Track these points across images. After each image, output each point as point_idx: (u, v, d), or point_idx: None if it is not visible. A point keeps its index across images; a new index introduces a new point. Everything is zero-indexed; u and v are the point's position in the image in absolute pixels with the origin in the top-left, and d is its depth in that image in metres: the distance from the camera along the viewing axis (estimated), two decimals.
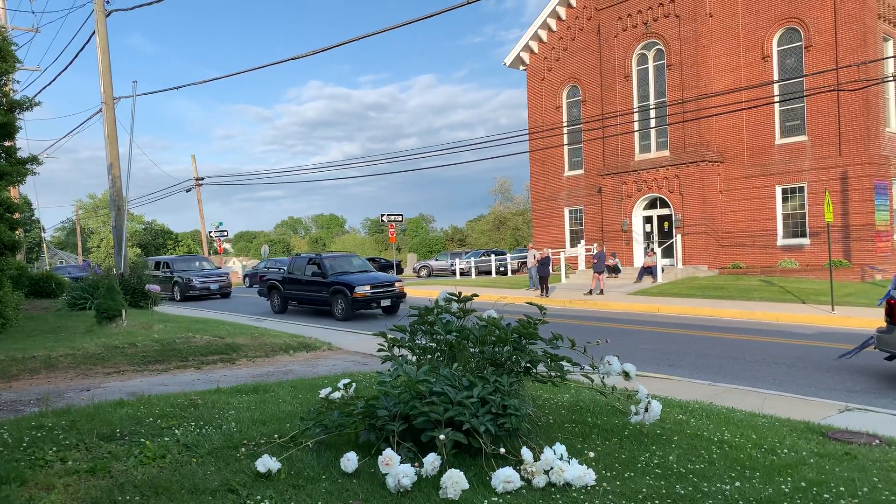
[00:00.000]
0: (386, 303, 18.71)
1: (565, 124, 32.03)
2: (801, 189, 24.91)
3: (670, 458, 4.85)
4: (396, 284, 19.15)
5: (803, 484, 4.30)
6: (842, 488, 4.22)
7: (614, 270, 26.95)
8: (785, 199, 25.46)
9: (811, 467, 4.71)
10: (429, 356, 5.78)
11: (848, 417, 6.94)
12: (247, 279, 38.29)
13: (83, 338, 12.08)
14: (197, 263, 29.38)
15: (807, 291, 19.80)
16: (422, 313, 5.84)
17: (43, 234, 60.17)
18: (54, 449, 5.09)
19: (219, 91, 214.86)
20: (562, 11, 31.78)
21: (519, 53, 33.54)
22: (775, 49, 25.32)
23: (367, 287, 18.16)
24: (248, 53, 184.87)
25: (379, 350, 5.91)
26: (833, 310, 16.32)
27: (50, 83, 50.82)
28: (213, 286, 27.57)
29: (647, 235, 28.47)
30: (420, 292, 25.74)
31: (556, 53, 32.37)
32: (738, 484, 4.29)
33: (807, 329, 14.79)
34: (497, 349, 5.54)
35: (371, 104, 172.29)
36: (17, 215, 14.53)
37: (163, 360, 10.40)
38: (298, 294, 20.01)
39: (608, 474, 4.48)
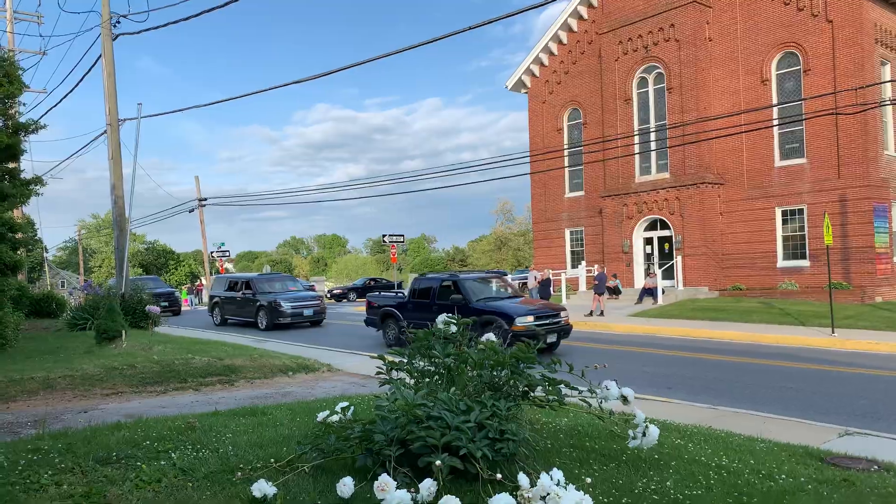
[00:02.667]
0: (551, 338, 14.43)
1: (566, 146, 32.22)
2: (801, 211, 24.97)
3: (667, 483, 4.83)
4: (562, 314, 15.07)
5: None
6: None
7: (615, 292, 26.94)
8: (785, 222, 25.51)
9: (809, 494, 4.69)
10: (427, 379, 5.77)
11: (847, 442, 6.90)
12: None
13: (82, 359, 12.07)
14: (280, 284, 24.01)
15: (807, 314, 19.76)
16: (419, 336, 5.86)
17: (45, 254, 60.28)
18: (50, 472, 5.07)
19: (226, 113, 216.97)
20: (563, 35, 32.11)
21: (521, 77, 33.84)
22: (774, 73, 25.53)
23: (530, 318, 14.15)
24: (256, 77, 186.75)
25: (377, 373, 5.91)
26: (833, 332, 16.28)
27: (55, 105, 51.40)
28: (306, 311, 22.36)
29: (648, 257, 28.50)
30: None
31: (557, 77, 32.65)
32: None
33: (807, 352, 14.75)
34: (495, 373, 5.54)
35: (377, 126, 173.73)
36: (19, 235, 14.60)
37: (161, 381, 10.39)
38: (426, 324, 17.08)
39: (606, 500, 4.47)
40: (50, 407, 8.68)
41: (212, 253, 44.19)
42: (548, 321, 14.51)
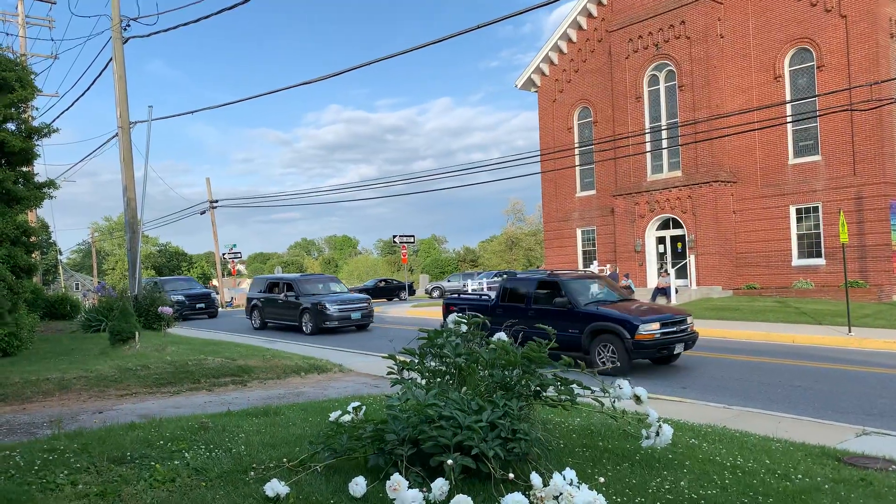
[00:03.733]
0: (678, 349, 12.42)
1: (577, 145, 32.12)
2: (816, 209, 24.74)
3: (682, 483, 4.79)
4: (689, 320, 12.95)
5: None
6: None
7: (627, 291, 26.81)
8: (799, 220, 25.28)
9: (826, 494, 4.64)
10: (438, 379, 5.76)
11: (865, 442, 6.82)
12: None
13: (97, 360, 12.16)
14: (322, 286, 22.54)
15: (823, 312, 19.58)
16: (431, 336, 5.84)
17: (59, 257, 60.86)
18: (65, 472, 5.11)
19: (238, 115, 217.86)
20: (573, 34, 32.02)
21: (530, 76, 33.77)
22: (787, 69, 25.32)
23: (656, 326, 12.05)
24: (268, 79, 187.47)
25: (388, 373, 5.91)
26: (850, 331, 16.12)
27: (68, 108, 51.81)
28: (353, 315, 20.97)
29: (661, 256, 28.35)
30: (433, 314, 25.73)
31: (567, 75, 32.56)
32: None
33: (823, 351, 14.60)
34: (507, 372, 5.51)
35: (389, 127, 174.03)
36: (33, 239, 14.73)
37: (175, 382, 10.44)
38: (517, 329, 14.75)
39: (619, 500, 4.43)
40: (65, 407, 8.74)
41: (223, 254, 44.43)
42: (675, 329, 12.39)
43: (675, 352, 12.46)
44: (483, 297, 15.48)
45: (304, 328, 20.87)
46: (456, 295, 17.14)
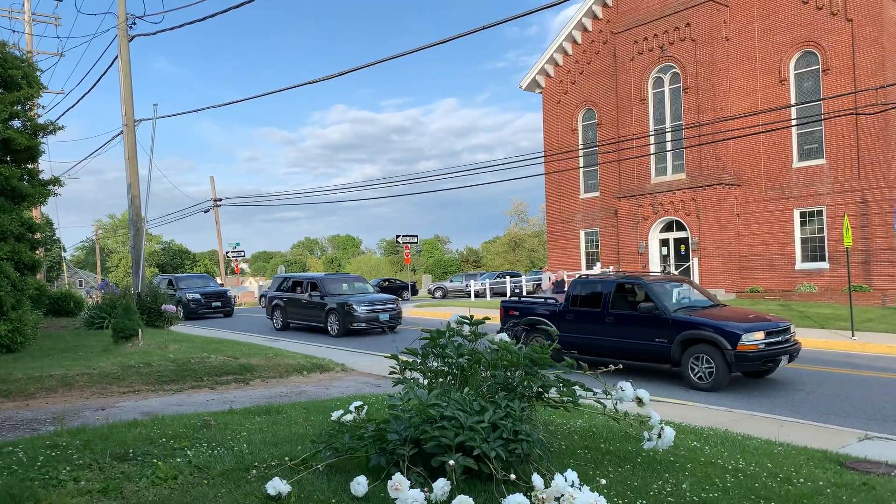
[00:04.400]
0: (783, 360, 11.07)
1: (581, 147, 32.11)
2: (820, 212, 24.70)
3: (683, 486, 4.78)
4: (792, 328, 11.62)
5: None
6: None
7: None
8: (803, 223, 25.24)
9: (828, 498, 4.63)
10: (440, 379, 5.76)
11: (867, 446, 6.81)
12: (262, 299, 38.49)
13: (100, 357, 12.18)
14: (347, 285, 21.58)
15: (826, 316, 19.53)
16: (433, 336, 5.84)
17: (63, 254, 61.02)
18: (68, 468, 5.12)
19: (244, 114, 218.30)
20: (577, 35, 32.01)
21: (535, 77, 33.76)
22: (792, 72, 25.28)
23: (760, 335, 10.63)
24: (274, 78, 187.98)
25: (391, 373, 5.91)
26: (853, 335, 16.07)
27: (73, 106, 52.00)
28: (382, 316, 20.05)
29: (664, 258, 28.32)
30: (435, 314, 25.74)
31: (571, 77, 32.55)
32: None
33: (826, 355, 14.57)
34: (509, 373, 5.51)
35: (394, 127, 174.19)
36: (38, 235, 14.78)
37: (178, 380, 10.46)
38: (594, 340, 12.42)
39: (620, 502, 4.43)
40: (68, 404, 8.77)
41: (227, 253, 44.49)
42: (779, 338, 10.99)
43: (780, 364, 11.09)
44: (549, 300, 13.98)
45: (330, 329, 19.93)
46: (515, 298, 15.50)
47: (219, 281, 37.38)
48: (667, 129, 27.90)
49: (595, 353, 12.16)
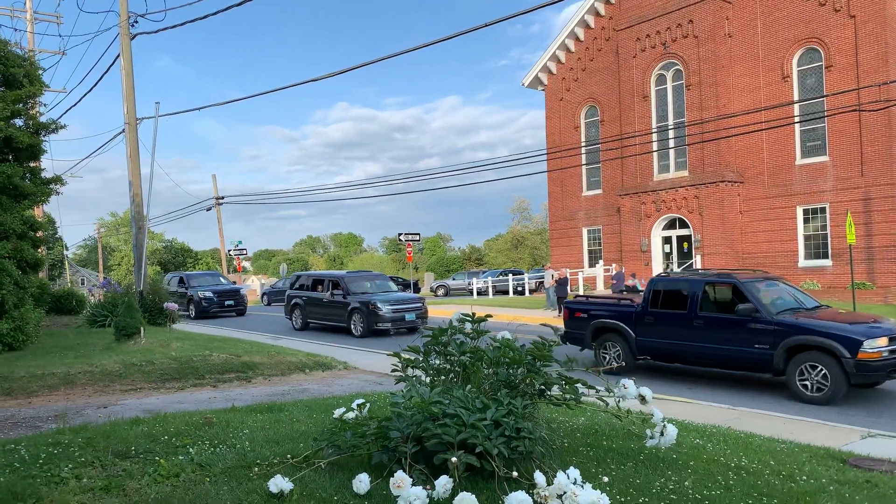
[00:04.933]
0: None
1: (584, 144, 32.06)
2: (823, 210, 24.64)
3: (686, 483, 4.77)
4: None
5: None
6: None
7: (633, 291, 26.75)
8: (806, 220, 25.19)
9: (830, 495, 4.62)
10: (442, 377, 5.76)
11: (870, 444, 6.79)
12: (265, 297, 38.51)
13: (102, 355, 12.19)
14: (370, 284, 20.72)
15: None
16: (435, 334, 5.83)
17: (65, 252, 61.12)
18: (70, 466, 5.13)
19: (246, 112, 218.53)
20: (580, 32, 31.95)
21: (537, 74, 33.71)
22: (795, 69, 25.22)
23: (884, 342, 9.39)
24: (276, 76, 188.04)
25: (393, 370, 5.90)
26: None
27: (75, 104, 52.05)
28: (408, 316, 19.27)
29: (667, 256, 28.28)
30: (437, 311, 25.72)
31: (574, 74, 32.49)
32: None
33: None
34: (511, 371, 5.50)
35: (396, 125, 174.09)
36: (40, 234, 14.79)
37: (180, 377, 10.47)
38: (680, 345, 11.24)
39: (623, 500, 4.42)
40: (70, 402, 8.77)
41: (229, 251, 44.53)
42: None
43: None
44: (623, 300, 12.69)
45: (353, 330, 19.11)
46: (584, 297, 14.04)
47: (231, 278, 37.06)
48: (669, 127, 27.84)
49: (680, 360, 11.41)
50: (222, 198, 42.68)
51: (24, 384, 9.55)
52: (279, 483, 4.43)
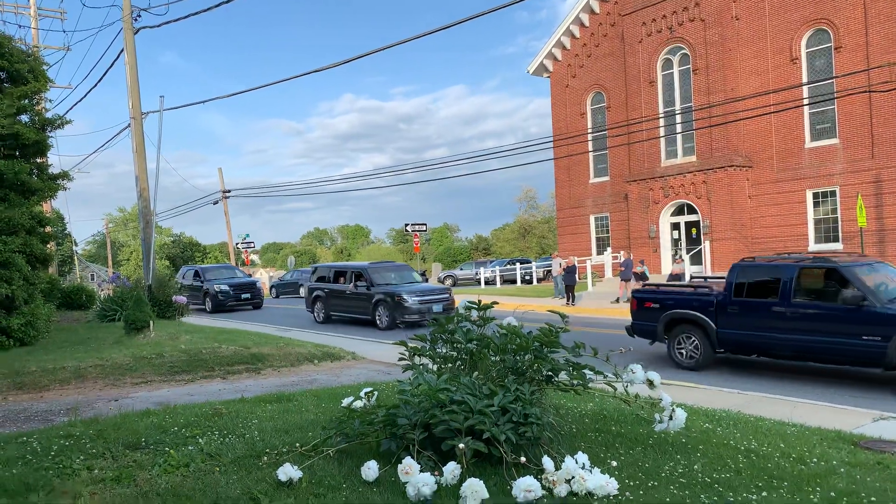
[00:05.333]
0: None
1: (590, 131, 31.88)
2: (833, 193, 24.44)
3: (695, 467, 4.76)
4: None
5: (833, 494, 4.19)
6: (873, 498, 4.10)
7: (642, 278, 26.63)
8: (816, 204, 24.99)
9: (841, 477, 4.59)
10: (449, 365, 5.76)
11: (882, 426, 6.74)
12: (273, 290, 38.64)
13: (112, 349, 12.27)
14: (395, 275, 20.18)
15: None
16: (442, 322, 5.83)
17: (74, 248, 61.47)
18: (81, 457, 5.17)
19: (252, 106, 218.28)
20: (585, 18, 31.71)
21: (542, 61, 33.50)
22: (804, 51, 24.94)
23: None
24: (282, 69, 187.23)
25: (400, 359, 5.91)
26: None
27: (81, 100, 52.29)
28: (435, 307, 18.42)
29: (675, 242, 28.15)
30: None
31: (579, 60, 32.27)
32: (765, 494, 4.19)
33: None
34: (518, 357, 5.50)
35: (402, 116, 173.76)
36: (48, 229, 14.86)
37: (189, 370, 10.52)
38: (771, 338, 10.18)
39: (631, 483, 4.41)
40: (81, 395, 8.84)
41: (237, 244, 44.67)
42: None
43: None
44: (701, 288, 11.44)
45: (378, 322, 18.64)
46: (654, 287, 12.67)
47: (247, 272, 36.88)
48: (677, 112, 27.64)
49: (769, 354, 10.41)
50: (229, 191, 42.79)
51: (35, 378, 9.63)
52: (288, 471, 4.46)
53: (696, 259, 26.38)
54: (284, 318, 22.63)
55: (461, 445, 4.38)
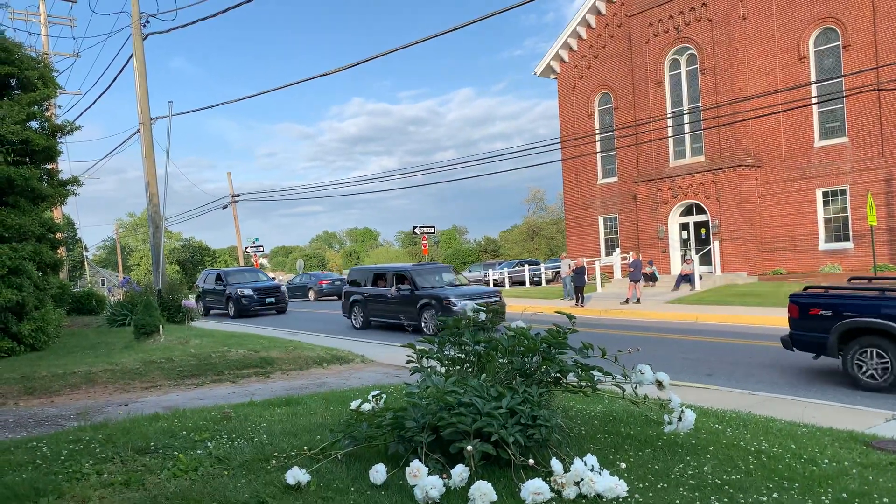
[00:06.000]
0: None
1: (598, 132, 31.81)
2: (843, 192, 24.27)
3: (705, 468, 4.72)
4: None
5: (844, 495, 4.15)
6: (886, 500, 4.05)
7: (651, 279, 26.55)
8: (826, 203, 24.82)
9: (853, 478, 4.54)
10: (457, 367, 5.75)
11: (895, 427, 6.68)
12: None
13: (122, 353, 12.33)
14: (438, 277, 19.14)
15: None
16: (449, 324, 5.82)
17: (85, 253, 61.86)
18: (91, 462, 5.19)
19: (262, 110, 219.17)
20: (591, 19, 31.66)
21: (549, 63, 33.47)
22: (812, 50, 24.80)
23: None
24: (291, 74, 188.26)
25: (408, 361, 5.90)
26: None
27: (90, 106, 52.66)
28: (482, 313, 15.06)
29: (684, 242, 28.03)
30: None
31: (586, 61, 32.22)
32: (776, 495, 4.15)
33: None
34: (526, 359, 5.48)
35: (411, 119, 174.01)
36: (59, 235, 14.96)
37: (199, 374, 10.56)
38: None
39: (641, 485, 4.38)
40: (91, 400, 8.88)
41: (246, 248, 44.82)
42: None
43: None
44: (890, 292, 9.10)
45: (424, 327, 17.47)
46: (821, 290, 10.37)
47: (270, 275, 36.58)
48: (684, 112, 27.53)
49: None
50: (238, 195, 42.96)
51: (46, 383, 9.68)
52: (296, 475, 4.45)
53: (706, 259, 26.25)
54: (314, 323, 21.73)
55: (469, 448, 4.37)
